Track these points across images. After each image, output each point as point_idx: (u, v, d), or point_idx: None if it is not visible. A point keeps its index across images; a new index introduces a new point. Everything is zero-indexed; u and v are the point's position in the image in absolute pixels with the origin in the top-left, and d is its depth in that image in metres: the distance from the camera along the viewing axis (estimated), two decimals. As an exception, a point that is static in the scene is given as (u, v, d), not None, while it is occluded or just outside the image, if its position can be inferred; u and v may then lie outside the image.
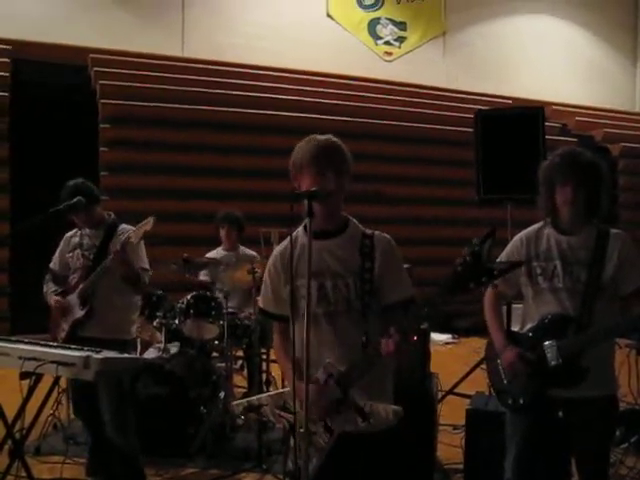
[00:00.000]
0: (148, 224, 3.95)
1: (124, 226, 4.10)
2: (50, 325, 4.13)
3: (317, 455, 2.39)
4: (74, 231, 4.18)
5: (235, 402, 2.77)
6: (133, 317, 4.14)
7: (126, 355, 3.15)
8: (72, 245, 4.13)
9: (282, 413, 2.52)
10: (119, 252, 3.77)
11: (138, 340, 5.37)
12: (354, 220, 2.59)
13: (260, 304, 2.74)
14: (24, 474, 3.27)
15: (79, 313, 3.93)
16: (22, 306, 8.28)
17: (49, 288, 4.17)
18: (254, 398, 2.66)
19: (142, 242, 4.04)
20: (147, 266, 4.06)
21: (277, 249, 2.60)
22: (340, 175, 2.44)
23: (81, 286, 3.95)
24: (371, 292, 2.44)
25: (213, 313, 5.19)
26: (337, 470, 2.42)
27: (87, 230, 4.11)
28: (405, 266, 2.60)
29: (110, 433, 3.84)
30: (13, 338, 3.36)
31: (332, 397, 2.39)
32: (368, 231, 2.55)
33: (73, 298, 3.99)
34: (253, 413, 2.59)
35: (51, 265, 4.23)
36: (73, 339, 3.79)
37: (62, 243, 4.20)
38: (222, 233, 5.95)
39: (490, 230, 2.07)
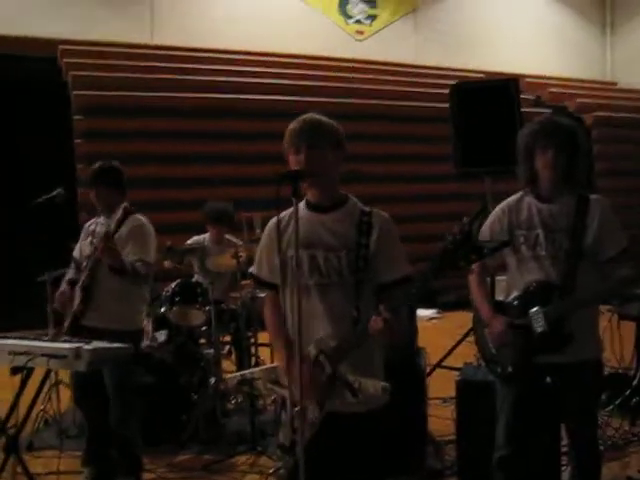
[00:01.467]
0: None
1: (135, 216, 4.03)
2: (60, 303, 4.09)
3: (307, 430, 2.41)
4: (92, 219, 4.14)
5: (229, 376, 2.78)
6: (138, 307, 4.05)
7: (117, 344, 3.15)
8: (87, 233, 4.08)
9: (275, 387, 2.55)
10: (100, 243, 3.73)
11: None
12: (354, 198, 2.59)
13: (253, 270, 2.73)
14: (20, 470, 3.28)
15: (79, 304, 3.87)
16: (15, 301, 8.22)
17: (67, 275, 4.14)
18: (247, 372, 2.68)
19: (149, 232, 4.00)
20: (147, 257, 3.94)
21: (275, 218, 2.51)
22: (318, 151, 2.43)
23: (82, 278, 3.90)
24: (365, 268, 2.43)
25: (199, 299, 5.19)
26: (326, 446, 2.44)
27: (101, 218, 4.05)
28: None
29: (113, 421, 3.84)
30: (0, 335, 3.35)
31: (323, 377, 2.41)
32: (367, 208, 2.54)
33: (78, 288, 3.94)
34: (246, 386, 2.60)
35: (74, 253, 4.16)
36: (77, 328, 3.76)
37: (82, 231, 4.16)
38: (211, 230, 5.90)
39: (480, 208, 2.10)
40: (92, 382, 3.78)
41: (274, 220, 2.52)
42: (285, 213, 2.53)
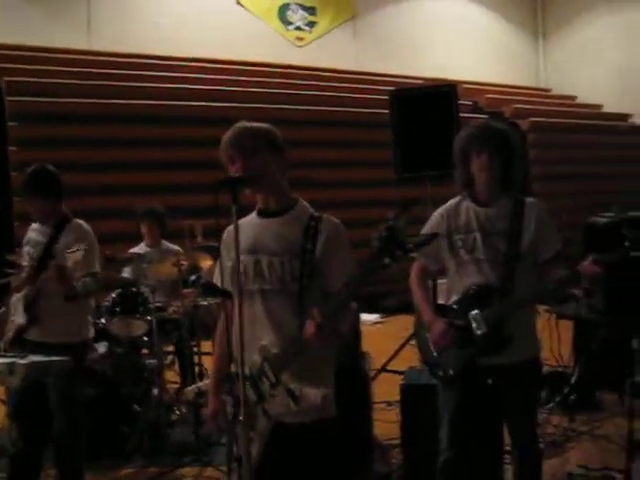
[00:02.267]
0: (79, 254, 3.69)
1: (75, 222, 3.82)
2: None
3: (257, 440, 2.39)
4: (32, 225, 3.89)
5: (186, 389, 2.75)
6: (83, 319, 3.85)
7: (54, 358, 3.06)
8: (25, 240, 3.86)
9: (228, 398, 2.52)
10: (52, 272, 3.52)
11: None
12: (305, 203, 2.57)
13: (213, 279, 2.72)
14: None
15: (22, 319, 3.67)
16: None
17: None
18: (203, 384, 2.66)
19: (93, 240, 3.80)
20: (95, 269, 3.78)
21: (232, 225, 2.44)
22: (250, 157, 2.42)
23: (24, 291, 3.67)
24: (311, 275, 2.40)
25: (140, 309, 5.10)
26: (278, 457, 2.42)
27: (36, 225, 3.83)
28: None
29: (57, 434, 3.68)
30: None
31: (267, 386, 2.39)
32: (317, 213, 2.52)
33: (18, 300, 3.73)
34: (204, 398, 2.58)
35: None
36: (20, 342, 3.60)
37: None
38: (143, 229, 5.83)
39: (404, 204, 2.09)
40: (32, 395, 3.60)
41: (228, 228, 2.50)
42: (240, 221, 2.47)
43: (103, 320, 5.08)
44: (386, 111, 6.06)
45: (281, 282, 2.42)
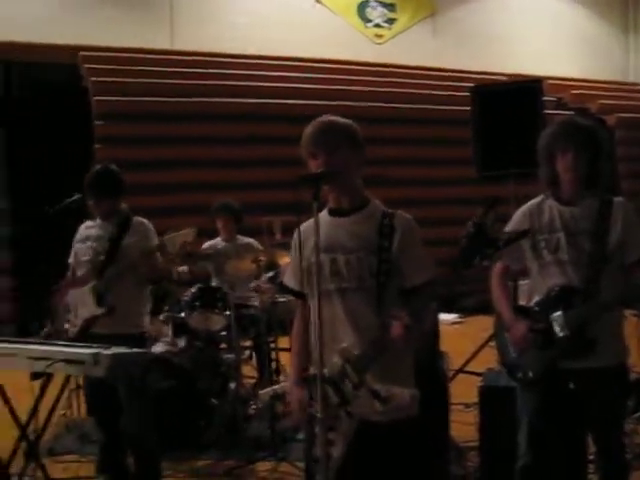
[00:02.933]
0: (189, 235, 3.90)
1: (138, 219, 4.00)
2: (54, 321, 4.06)
3: (340, 441, 2.37)
4: (87, 222, 4.05)
5: (262, 391, 2.77)
6: (145, 309, 4.03)
7: (135, 350, 3.14)
8: (82, 236, 4.00)
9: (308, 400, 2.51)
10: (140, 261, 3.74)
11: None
12: (377, 201, 2.54)
13: (284, 281, 2.72)
14: (40, 474, 3.29)
15: (96, 310, 3.79)
16: (28, 310, 8.28)
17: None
18: (279, 386, 2.67)
19: (155, 234, 3.98)
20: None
21: (302, 225, 2.46)
22: (333, 153, 2.39)
23: (94, 282, 3.81)
24: (389, 272, 2.38)
25: (219, 304, 5.18)
26: (360, 458, 2.40)
27: (98, 221, 3.97)
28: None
29: (128, 428, 3.79)
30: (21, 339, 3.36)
31: (350, 387, 2.36)
32: (389, 210, 2.49)
33: (83, 292, 3.85)
34: (279, 401, 2.60)
35: (69, 260, 4.10)
36: (85, 336, 3.71)
37: (77, 234, 4.07)
38: (219, 224, 5.89)
39: (491, 201, 2.04)
40: (104, 389, 3.72)
41: (300, 227, 2.45)
42: (308, 221, 2.46)
43: (182, 314, 5.18)
44: (467, 108, 5.96)
45: (359, 279, 2.40)
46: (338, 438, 2.37)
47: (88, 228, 4.01)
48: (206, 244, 5.92)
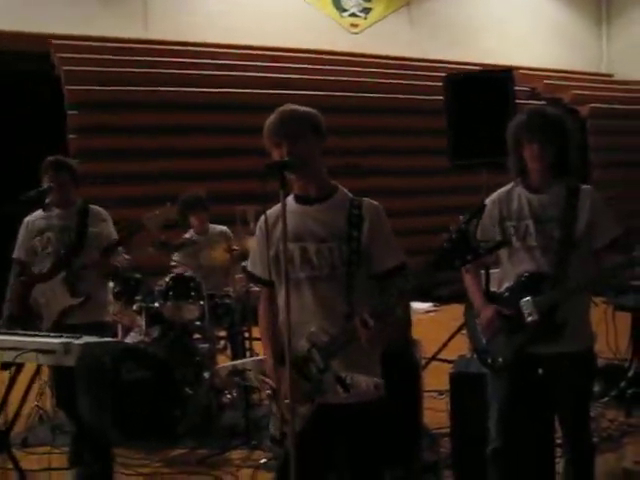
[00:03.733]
0: (170, 212, 3.98)
1: (95, 207, 4.01)
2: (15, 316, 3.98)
3: (298, 422, 2.40)
4: (37, 213, 3.95)
5: (219, 366, 2.78)
6: (109, 298, 4.14)
7: (107, 339, 3.14)
8: (38, 228, 3.92)
9: (265, 379, 2.54)
10: (102, 259, 3.77)
11: (119, 325, 5.37)
12: (344, 189, 2.56)
13: (248, 267, 2.72)
14: (11, 466, 3.26)
15: (71, 300, 3.78)
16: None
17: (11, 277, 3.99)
18: (239, 362, 2.69)
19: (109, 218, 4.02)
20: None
21: (267, 212, 2.48)
22: (296, 142, 2.40)
23: (62, 275, 3.79)
24: (358, 261, 2.41)
25: (193, 294, 5.17)
26: (317, 437, 2.44)
27: (55, 211, 3.91)
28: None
29: (86, 416, 3.75)
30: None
31: (314, 371, 2.39)
32: (357, 198, 2.51)
33: (53, 285, 3.83)
34: (237, 377, 2.62)
35: (15, 255, 4.00)
36: (59, 327, 3.64)
37: (25, 227, 3.97)
38: (193, 220, 5.88)
39: (478, 207, 2.09)
40: (71, 381, 3.66)
41: (265, 214, 2.47)
42: (274, 208, 2.48)
43: (156, 304, 5.16)
44: (441, 98, 5.97)
45: (331, 268, 2.42)
46: (297, 420, 2.37)
47: (42, 219, 3.93)
48: (183, 237, 5.90)
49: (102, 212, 4.03)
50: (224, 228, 5.90)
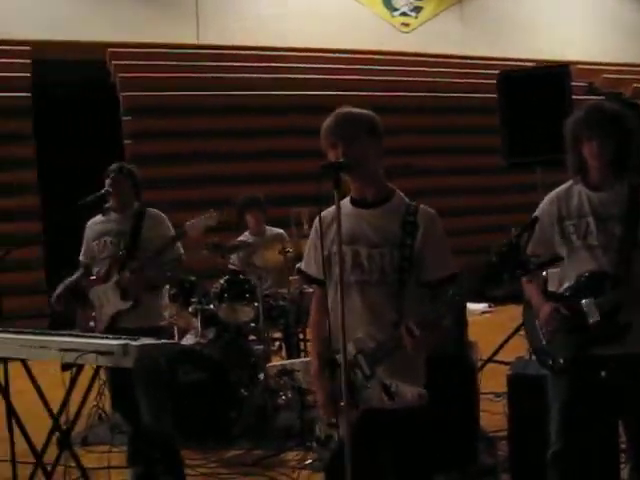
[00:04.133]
0: (211, 218, 3.93)
1: (152, 210, 4.04)
2: (79, 320, 4.10)
3: (343, 426, 2.38)
4: (97, 218, 4.06)
5: (269, 365, 2.79)
6: (164, 302, 4.10)
7: (164, 341, 3.17)
8: (97, 232, 4.00)
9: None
10: (134, 281, 3.79)
11: (175, 327, 5.44)
12: (400, 193, 2.53)
13: (302, 267, 2.73)
14: (73, 464, 3.34)
15: (122, 304, 3.83)
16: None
17: (71, 279, 4.08)
18: (288, 362, 2.69)
19: (170, 226, 4.02)
20: (182, 251, 4.03)
21: (323, 213, 2.48)
22: (351, 143, 2.39)
23: (115, 279, 3.85)
24: (409, 269, 2.38)
25: (247, 296, 5.21)
26: (363, 443, 2.40)
27: (113, 215, 3.99)
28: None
29: (146, 420, 3.82)
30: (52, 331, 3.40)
31: (360, 377, 2.38)
32: (413, 203, 2.48)
33: (106, 289, 3.90)
34: (286, 377, 2.62)
35: (80, 257, 4.12)
36: (112, 331, 3.70)
37: (87, 231, 4.07)
38: (249, 219, 5.94)
39: (530, 221, 2.04)
40: (128, 383, 3.73)
41: (322, 214, 2.48)
42: (330, 209, 2.47)
43: (212, 305, 5.21)
44: (494, 95, 5.89)
45: (381, 274, 2.40)
46: (341, 422, 2.36)
47: (101, 223, 4.03)
48: (237, 240, 5.96)
49: (159, 215, 4.04)
50: (280, 230, 5.93)
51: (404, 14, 12.92)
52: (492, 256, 2.04)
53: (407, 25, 12.92)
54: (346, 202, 2.50)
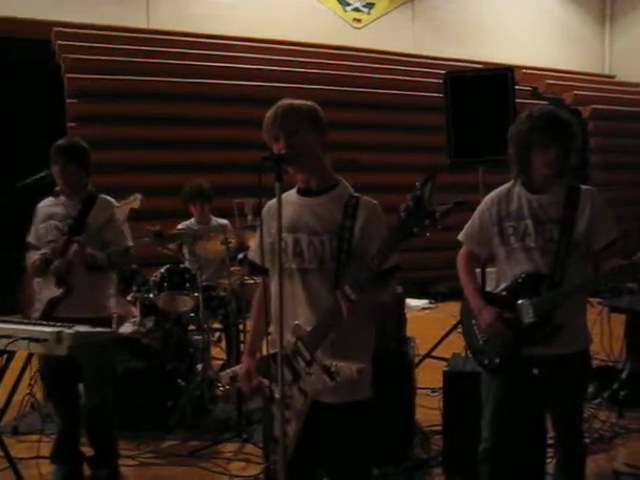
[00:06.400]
0: (135, 201, 3.81)
1: (103, 197, 3.87)
2: (22, 305, 4.00)
3: (295, 418, 2.40)
4: (47, 200, 3.89)
5: (222, 373, 2.79)
6: (110, 292, 3.92)
7: (99, 329, 3.10)
8: (44, 214, 3.84)
9: (262, 379, 2.54)
10: (78, 252, 3.60)
11: (114, 315, 5.35)
12: (346, 183, 2.56)
13: (249, 255, 2.78)
14: (1, 453, 3.25)
15: (55, 292, 3.68)
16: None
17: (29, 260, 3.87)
18: (238, 367, 2.68)
19: (122, 215, 3.84)
20: (131, 243, 3.90)
21: (269, 202, 2.52)
22: (293, 135, 2.40)
23: (56, 263, 3.67)
24: (348, 253, 2.40)
25: (187, 285, 5.16)
26: (315, 434, 2.43)
27: (63, 199, 3.83)
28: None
29: (89, 409, 3.76)
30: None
31: (302, 363, 2.39)
32: (355, 194, 2.51)
33: (45, 277, 3.74)
34: (238, 383, 2.63)
35: (28, 238, 3.92)
36: (47, 320, 3.50)
37: (37, 212, 3.90)
38: (194, 209, 5.90)
39: (430, 173, 2.05)
40: (64, 372, 3.66)
41: (268, 204, 2.55)
42: (274, 199, 2.48)
43: (151, 295, 5.15)
44: (441, 95, 5.95)
45: (320, 261, 2.42)
46: (292, 416, 2.39)
47: (50, 206, 3.87)
48: (180, 225, 5.91)
49: (109, 203, 3.86)
50: (225, 221, 5.89)
51: (357, 10, 12.94)
52: (400, 212, 2.05)
53: (359, 21, 12.94)
54: (292, 192, 2.54)
